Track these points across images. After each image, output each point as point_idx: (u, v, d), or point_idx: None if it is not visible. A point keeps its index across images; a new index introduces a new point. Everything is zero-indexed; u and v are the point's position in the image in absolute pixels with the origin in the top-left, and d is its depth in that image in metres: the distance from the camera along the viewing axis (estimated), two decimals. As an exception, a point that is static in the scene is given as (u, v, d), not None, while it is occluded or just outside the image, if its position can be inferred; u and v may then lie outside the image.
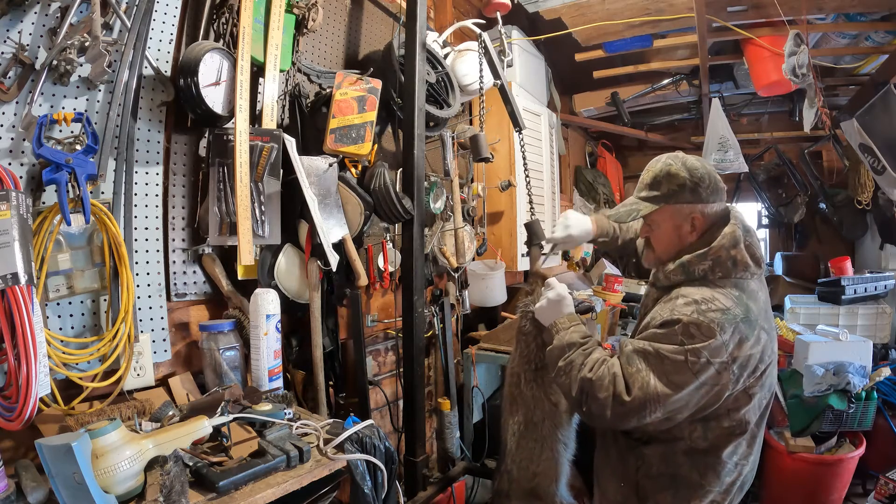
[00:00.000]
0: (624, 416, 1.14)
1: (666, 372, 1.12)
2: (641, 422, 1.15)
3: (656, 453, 1.26)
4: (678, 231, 1.27)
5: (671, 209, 1.25)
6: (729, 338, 1.11)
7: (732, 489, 1.26)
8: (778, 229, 4.76)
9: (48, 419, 1.11)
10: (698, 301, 1.14)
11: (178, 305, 1.47)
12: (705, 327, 1.10)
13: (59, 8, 1.17)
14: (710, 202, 1.24)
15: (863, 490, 2.76)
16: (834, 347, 2.61)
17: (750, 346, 1.13)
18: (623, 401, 1.13)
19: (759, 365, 1.17)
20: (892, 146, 2.87)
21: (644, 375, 1.13)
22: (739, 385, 1.16)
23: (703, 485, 1.23)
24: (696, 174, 1.23)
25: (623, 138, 4.83)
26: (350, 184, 1.73)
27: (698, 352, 1.10)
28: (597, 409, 1.17)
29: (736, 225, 1.22)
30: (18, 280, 0.95)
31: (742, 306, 1.15)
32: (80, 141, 1.16)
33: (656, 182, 1.26)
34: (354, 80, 1.72)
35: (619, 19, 2.96)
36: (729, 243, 1.19)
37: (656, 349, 1.14)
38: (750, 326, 1.14)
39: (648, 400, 1.12)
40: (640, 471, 1.28)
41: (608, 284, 2.93)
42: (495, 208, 2.80)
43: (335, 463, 1.10)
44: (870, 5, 2.65)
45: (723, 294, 1.16)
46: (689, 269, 1.22)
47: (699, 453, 1.22)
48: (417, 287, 1.78)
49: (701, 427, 1.21)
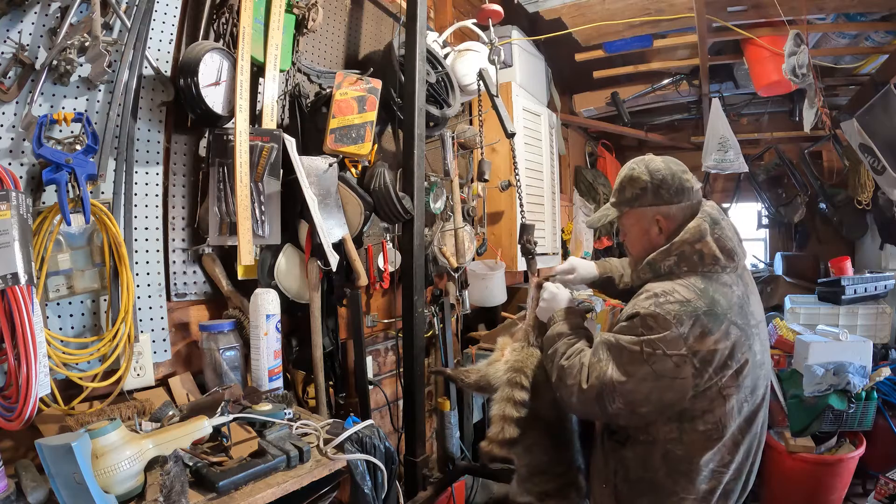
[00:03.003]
0: (586, 403, 1.18)
1: (622, 362, 1.14)
2: (606, 411, 1.16)
3: (635, 456, 1.25)
4: (647, 234, 1.29)
5: (636, 213, 1.28)
6: (688, 331, 1.10)
7: (711, 498, 1.21)
8: (778, 229, 4.76)
9: (48, 419, 1.11)
10: (658, 294, 1.16)
11: (178, 305, 1.47)
12: (661, 319, 1.11)
13: (59, 8, 1.17)
14: (675, 203, 1.24)
15: (863, 490, 2.76)
16: (834, 347, 2.61)
17: (714, 341, 1.10)
18: (583, 389, 1.17)
19: (730, 362, 1.13)
20: (892, 146, 2.86)
21: (603, 365, 1.16)
22: (705, 380, 1.12)
23: (676, 491, 1.20)
24: (657, 176, 1.24)
25: (623, 138, 4.83)
26: (350, 184, 1.73)
27: (653, 343, 1.11)
28: (566, 395, 1.22)
29: (702, 219, 1.21)
30: (18, 280, 0.95)
31: (706, 299, 1.13)
32: (80, 141, 1.16)
33: (622, 187, 1.30)
34: (354, 80, 1.72)
35: (619, 19, 2.96)
36: (693, 237, 1.19)
37: (618, 339, 1.17)
38: (715, 320, 1.11)
39: (604, 387, 1.14)
40: (619, 474, 1.28)
41: (608, 284, 2.93)
42: (495, 208, 2.80)
43: (335, 463, 1.10)
44: (870, 5, 2.65)
45: (684, 286, 1.16)
46: (655, 266, 1.24)
47: (675, 458, 1.19)
48: (417, 287, 1.78)
49: (676, 428, 1.18)
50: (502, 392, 1.34)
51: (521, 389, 1.32)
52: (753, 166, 4.26)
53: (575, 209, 3.98)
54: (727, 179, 4.72)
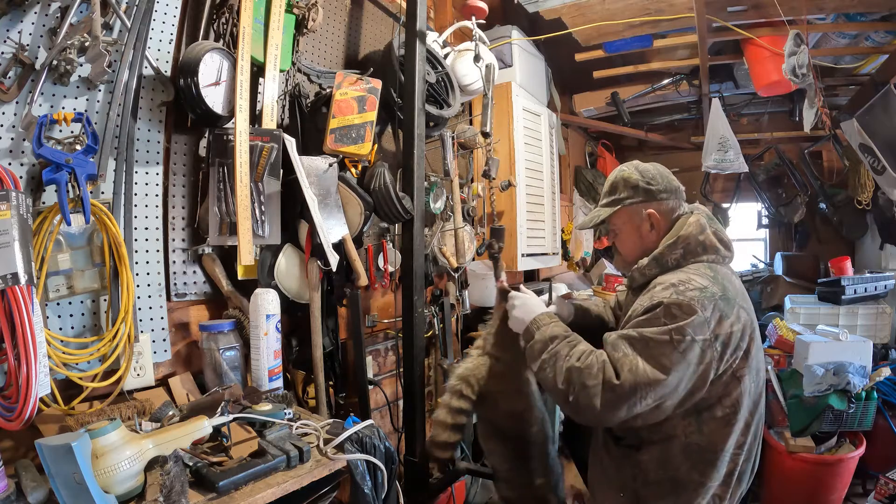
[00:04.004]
0: (615, 403, 1.11)
1: (653, 355, 1.11)
2: (631, 411, 1.12)
3: (652, 458, 1.24)
4: (639, 231, 1.34)
5: (629, 210, 1.34)
6: (710, 315, 1.13)
7: (731, 480, 1.24)
8: (778, 229, 4.76)
9: (48, 419, 1.11)
10: (675, 284, 1.18)
11: (178, 305, 1.47)
12: (686, 306, 1.12)
13: (59, 8, 1.17)
14: (665, 200, 1.32)
15: (863, 490, 2.76)
16: (834, 347, 2.61)
17: (730, 324, 1.15)
18: (613, 385, 1.11)
19: (741, 343, 1.18)
20: (892, 146, 2.86)
21: (632, 359, 1.13)
22: (724, 364, 1.16)
23: (702, 482, 1.21)
24: (647, 174, 1.33)
25: (623, 138, 4.83)
26: (350, 184, 1.73)
27: (682, 329, 1.11)
28: (584, 399, 1.13)
29: (699, 214, 1.30)
30: (18, 280, 0.95)
31: (718, 285, 1.18)
32: (80, 141, 1.16)
33: (613, 188, 1.37)
34: (354, 80, 1.72)
35: (619, 19, 2.95)
36: (696, 230, 1.27)
37: (641, 333, 1.15)
38: (728, 304, 1.17)
39: (639, 384, 1.10)
40: (638, 479, 1.26)
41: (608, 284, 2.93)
42: (495, 208, 2.80)
43: (335, 463, 1.10)
44: (870, 5, 2.65)
45: (697, 275, 1.20)
46: (662, 261, 1.28)
47: (697, 449, 1.20)
48: (417, 287, 1.77)
49: (695, 421, 1.20)
50: (443, 398, 1.41)
51: (459, 398, 1.38)
52: (753, 166, 4.26)
53: (575, 209, 3.98)
54: (727, 179, 4.72)
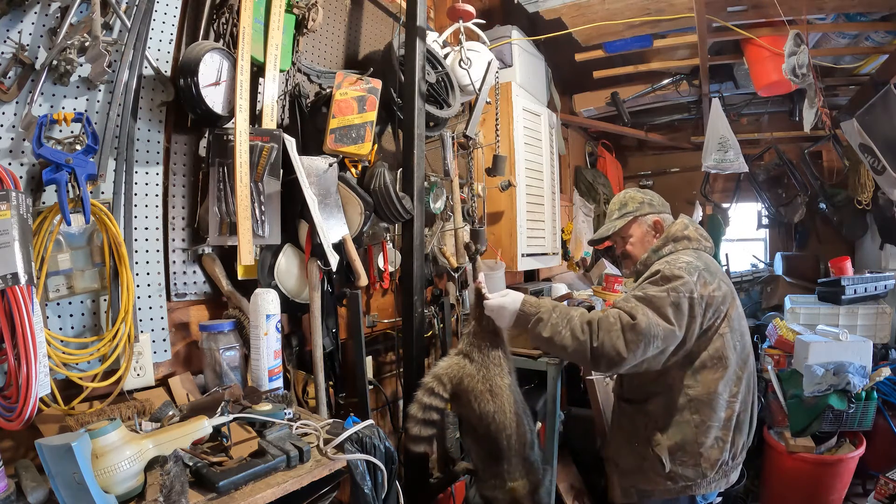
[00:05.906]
0: (636, 342, 1.37)
1: (657, 306, 1.42)
2: (646, 351, 1.38)
3: (658, 406, 1.54)
4: (646, 236, 1.72)
5: (639, 220, 1.73)
6: (696, 279, 1.46)
7: (730, 425, 1.51)
8: (778, 229, 4.76)
9: (48, 419, 1.11)
10: (669, 261, 1.54)
11: (178, 305, 1.47)
12: (677, 272, 1.47)
13: (59, 8, 1.17)
14: (661, 213, 1.74)
15: (863, 490, 2.76)
16: (834, 347, 2.61)
17: (713, 289, 1.48)
18: (633, 325, 1.38)
19: (722, 307, 1.50)
20: (892, 146, 2.86)
21: (643, 308, 1.42)
22: (707, 321, 1.47)
23: (703, 421, 1.48)
24: (647, 196, 1.76)
25: (623, 138, 4.83)
26: (350, 184, 1.73)
27: (676, 288, 1.44)
28: (609, 342, 1.38)
29: (683, 217, 1.71)
30: (18, 280, 0.95)
31: (701, 261, 1.53)
32: (80, 141, 1.16)
33: (623, 205, 1.76)
34: (354, 80, 1.72)
35: (619, 19, 2.95)
36: (682, 227, 1.66)
37: (645, 292, 1.47)
38: (711, 275, 1.50)
39: (651, 324, 1.38)
40: (649, 427, 1.55)
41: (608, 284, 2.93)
42: (495, 208, 2.80)
43: (335, 463, 1.10)
44: (870, 5, 2.65)
45: (685, 255, 1.57)
46: (659, 252, 1.66)
47: (694, 395, 1.49)
48: (417, 287, 1.78)
49: (689, 372, 1.50)
50: (416, 394, 1.47)
51: (430, 395, 1.45)
52: (753, 166, 4.26)
53: (575, 209, 3.98)
54: (727, 179, 4.72)
